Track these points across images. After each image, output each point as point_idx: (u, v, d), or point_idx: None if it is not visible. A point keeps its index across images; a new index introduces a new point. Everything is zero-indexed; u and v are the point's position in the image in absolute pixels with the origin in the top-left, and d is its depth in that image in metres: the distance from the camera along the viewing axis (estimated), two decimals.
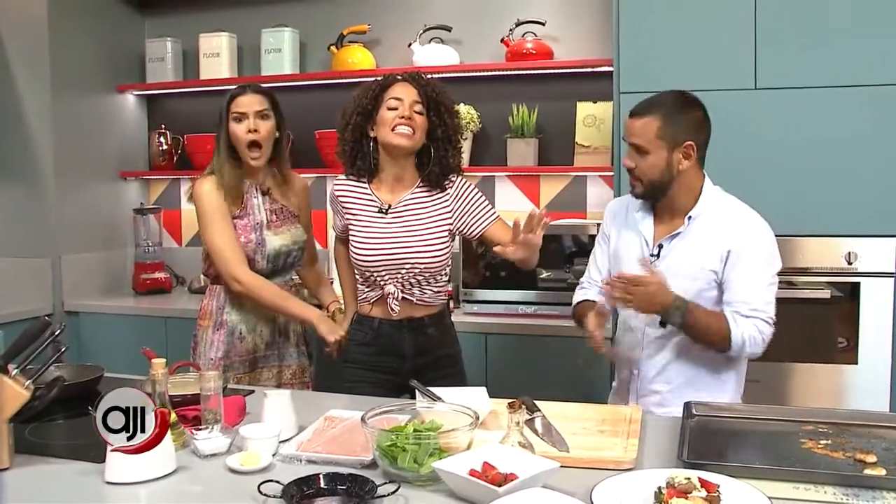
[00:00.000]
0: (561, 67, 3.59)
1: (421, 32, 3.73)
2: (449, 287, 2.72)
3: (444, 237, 2.44)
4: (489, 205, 2.50)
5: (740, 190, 2.26)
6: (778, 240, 2.20)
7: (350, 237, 2.45)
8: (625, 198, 2.37)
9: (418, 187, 2.45)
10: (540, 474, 1.50)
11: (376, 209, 2.43)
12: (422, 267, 2.39)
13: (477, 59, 3.73)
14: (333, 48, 3.86)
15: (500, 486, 1.44)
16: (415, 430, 1.64)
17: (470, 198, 2.47)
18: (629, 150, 2.18)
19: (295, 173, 2.78)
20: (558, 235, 3.34)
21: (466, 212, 2.46)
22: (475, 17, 3.78)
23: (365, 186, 2.46)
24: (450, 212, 2.45)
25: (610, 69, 3.09)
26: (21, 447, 1.75)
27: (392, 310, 2.40)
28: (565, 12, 3.66)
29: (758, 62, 2.86)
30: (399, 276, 2.39)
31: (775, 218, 2.22)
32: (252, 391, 2.26)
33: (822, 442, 1.76)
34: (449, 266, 2.48)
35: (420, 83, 2.42)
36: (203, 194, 2.57)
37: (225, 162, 2.58)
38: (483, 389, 2.12)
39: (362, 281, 2.47)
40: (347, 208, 2.46)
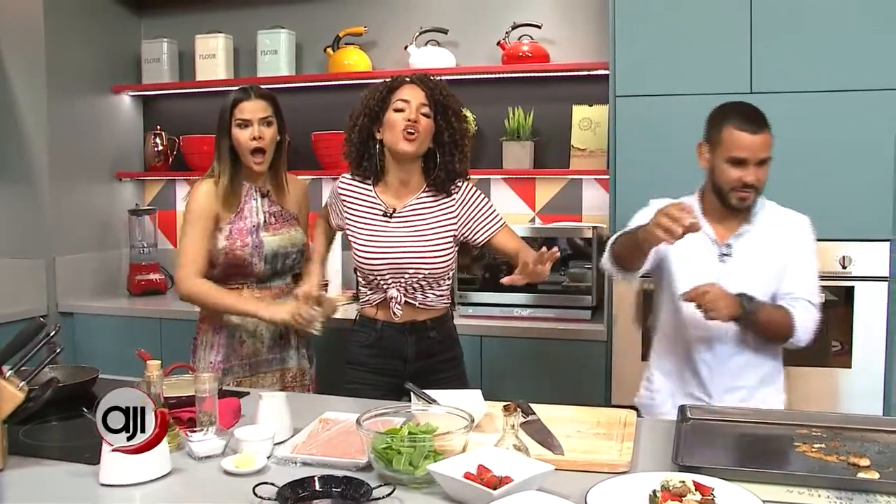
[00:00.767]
0: (557, 70, 3.59)
1: (417, 35, 3.73)
2: None
3: (449, 242, 2.43)
4: (496, 212, 2.50)
5: None
6: None
7: (352, 240, 2.44)
8: (668, 201, 2.29)
9: (424, 192, 2.45)
10: (535, 477, 1.50)
11: (381, 213, 2.42)
12: (426, 272, 2.39)
13: (473, 62, 3.74)
14: (329, 50, 3.86)
15: (496, 489, 1.44)
16: (410, 433, 1.64)
17: (476, 204, 2.47)
18: (751, 167, 2.19)
19: (294, 176, 2.78)
20: (554, 238, 3.34)
21: (472, 218, 2.46)
22: (471, 20, 3.78)
23: (370, 189, 2.45)
24: (455, 218, 2.45)
25: (606, 73, 3.10)
26: (15, 449, 1.75)
27: (394, 314, 2.40)
28: (561, 15, 3.67)
29: (753, 66, 2.87)
30: (402, 281, 2.39)
31: None
32: (247, 393, 2.26)
33: (816, 445, 1.76)
34: (452, 270, 2.48)
35: (428, 85, 2.40)
36: (196, 195, 2.58)
37: (226, 165, 2.58)
38: (478, 392, 2.12)
39: (365, 283, 2.47)
40: (350, 209, 2.45)
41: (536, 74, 3.64)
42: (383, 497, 1.49)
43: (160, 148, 4.18)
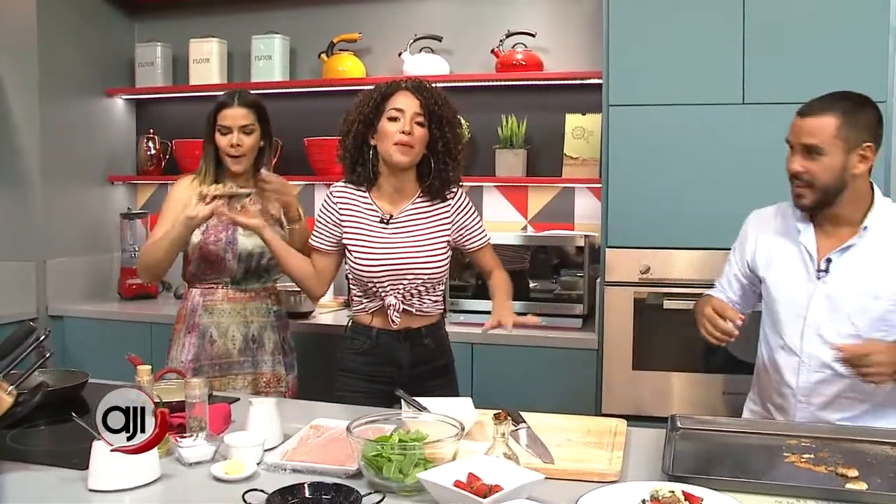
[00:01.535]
0: (550, 79, 3.61)
1: (411, 42, 3.74)
2: None
3: (445, 247, 2.45)
4: (483, 228, 2.53)
5: (728, 204, 2.27)
6: None
7: (351, 248, 2.42)
8: (773, 207, 2.21)
9: (419, 198, 2.45)
10: (525, 486, 1.50)
11: (377, 219, 2.42)
12: (424, 277, 2.40)
13: (467, 70, 3.75)
14: (324, 56, 3.86)
15: (485, 498, 1.44)
16: (400, 441, 1.64)
17: (469, 214, 2.49)
18: (796, 155, 2.02)
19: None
20: (546, 247, 3.35)
21: (465, 226, 2.48)
22: (466, 28, 3.79)
23: (365, 195, 2.45)
24: (450, 223, 2.46)
25: (599, 81, 3.10)
26: (3, 454, 1.74)
27: (393, 321, 2.40)
28: (555, 24, 3.68)
29: (746, 77, 2.88)
30: (400, 287, 2.39)
31: None
32: (237, 399, 2.26)
33: (805, 456, 1.77)
34: (446, 276, 2.49)
35: (423, 94, 2.38)
36: (177, 185, 2.72)
37: (210, 166, 2.69)
38: (469, 400, 2.13)
39: (361, 291, 2.47)
40: (346, 217, 2.43)
41: (530, 83, 3.65)
42: None
43: (153, 152, 4.17)
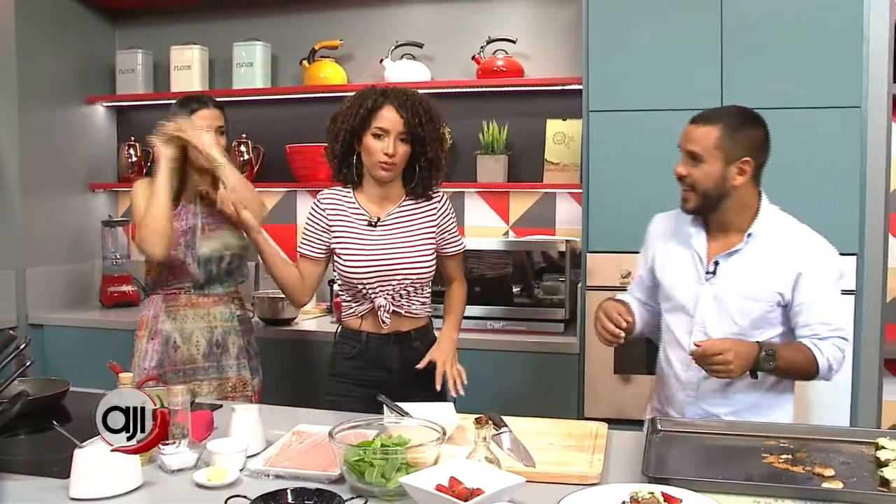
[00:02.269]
0: (531, 85, 3.63)
1: (392, 48, 3.75)
2: None
3: (432, 247, 2.47)
4: (459, 236, 2.57)
5: None
6: None
7: (339, 251, 2.42)
8: (673, 212, 2.30)
9: (405, 200, 2.47)
10: (506, 489, 1.51)
11: (365, 222, 2.43)
12: (413, 278, 2.42)
13: (448, 76, 3.76)
14: (305, 63, 3.87)
15: (467, 501, 1.45)
16: (382, 445, 1.65)
17: (451, 220, 2.53)
18: (683, 158, 2.14)
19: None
20: (528, 252, 3.37)
21: (446, 230, 2.51)
22: (447, 34, 3.81)
23: (351, 200, 2.46)
24: (435, 226, 2.48)
25: (579, 87, 3.13)
26: None
27: (383, 322, 2.41)
28: (536, 31, 3.71)
29: (724, 83, 2.92)
30: (390, 289, 2.40)
31: None
32: (220, 406, 2.26)
33: (783, 456, 1.79)
34: (433, 276, 2.51)
35: (408, 111, 2.35)
36: (138, 189, 2.69)
37: (176, 167, 2.70)
38: (451, 404, 2.14)
39: (349, 295, 2.47)
40: (334, 221, 2.44)
41: (511, 89, 3.67)
42: None
43: (134, 159, 4.15)
